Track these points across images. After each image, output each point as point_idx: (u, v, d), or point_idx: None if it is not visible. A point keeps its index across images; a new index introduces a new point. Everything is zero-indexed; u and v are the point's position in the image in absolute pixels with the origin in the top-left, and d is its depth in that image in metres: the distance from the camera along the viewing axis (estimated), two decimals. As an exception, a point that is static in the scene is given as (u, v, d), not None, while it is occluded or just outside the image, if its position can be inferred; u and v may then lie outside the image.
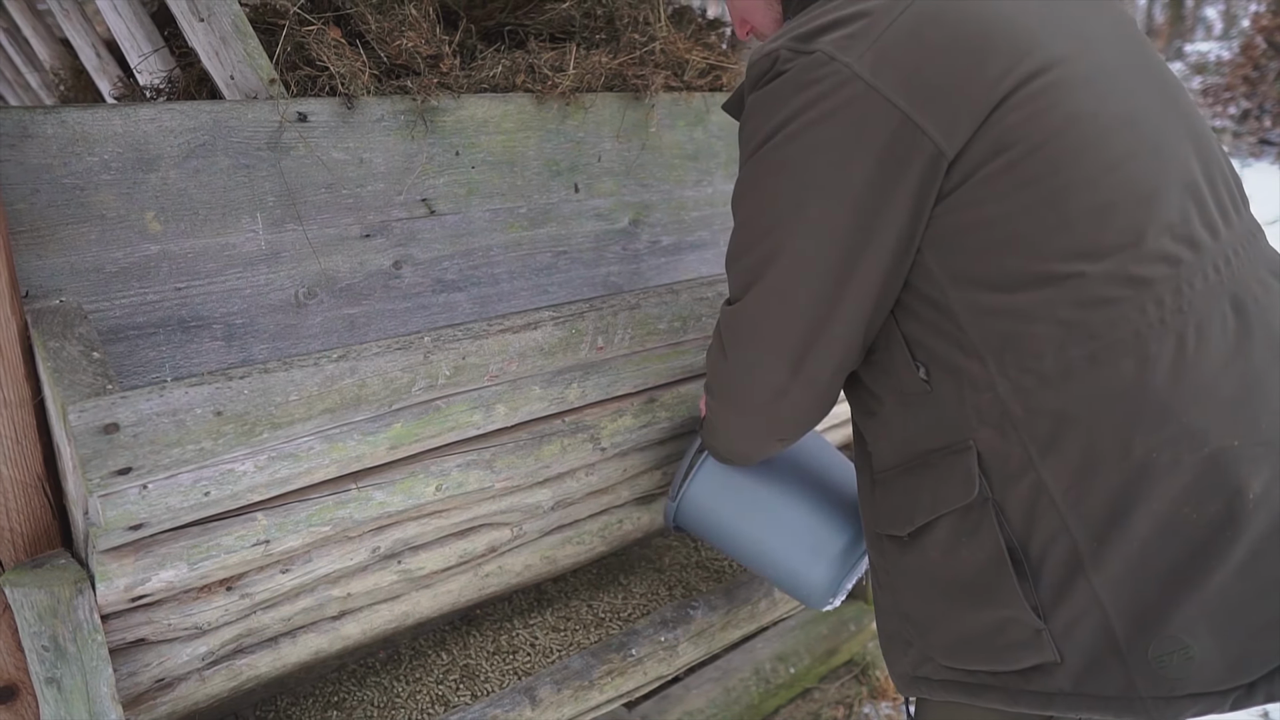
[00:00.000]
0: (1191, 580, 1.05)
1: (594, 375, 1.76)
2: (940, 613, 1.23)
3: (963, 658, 1.21)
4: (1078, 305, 1.06)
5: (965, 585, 1.18)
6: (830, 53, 1.08)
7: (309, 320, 1.75)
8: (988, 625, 1.16)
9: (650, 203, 2.20)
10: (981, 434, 1.13)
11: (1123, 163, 1.09)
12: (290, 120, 1.65)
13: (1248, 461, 1.05)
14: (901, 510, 1.25)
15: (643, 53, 2.10)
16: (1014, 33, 1.09)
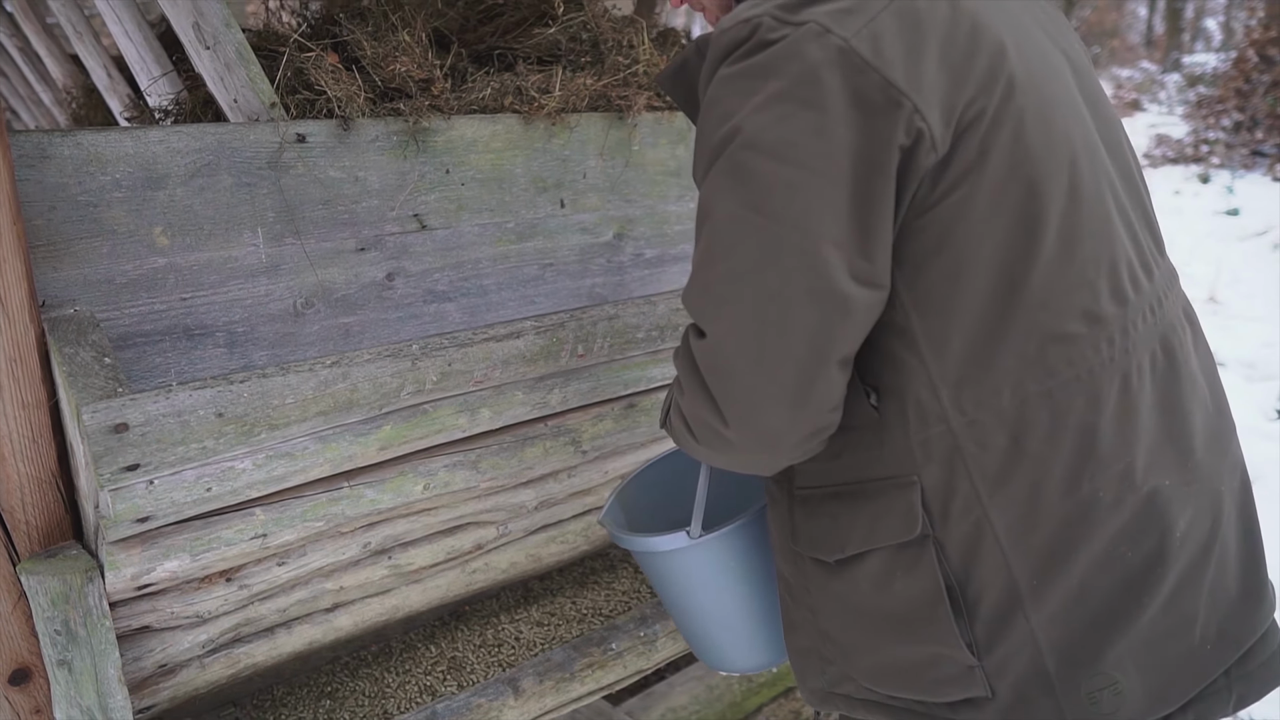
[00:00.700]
0: (1125, 618, 1.08)
1: (575, 381, 1.87)
2: (866, 641, 1.19)
3: (888, 685, 1.19)
4: (1041, 340, 1.04)
5: (897, 618, 1.15)
6: (825, 24, 0.97)
7: (306, 328, 1.85)
8: (918, 659, 1.14)
9: (634, 217, 2.30)
10: (928, 470, 1.09)
11: (1087, 197, 1.08)
12: (290, 141, 1.76)
13: (1176, 500, 1.10)
14: (830, 537, 1.19)
15: (626, 74, 2.21)
16: (999, 44, 1.04)
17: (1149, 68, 21.54)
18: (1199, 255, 7.61)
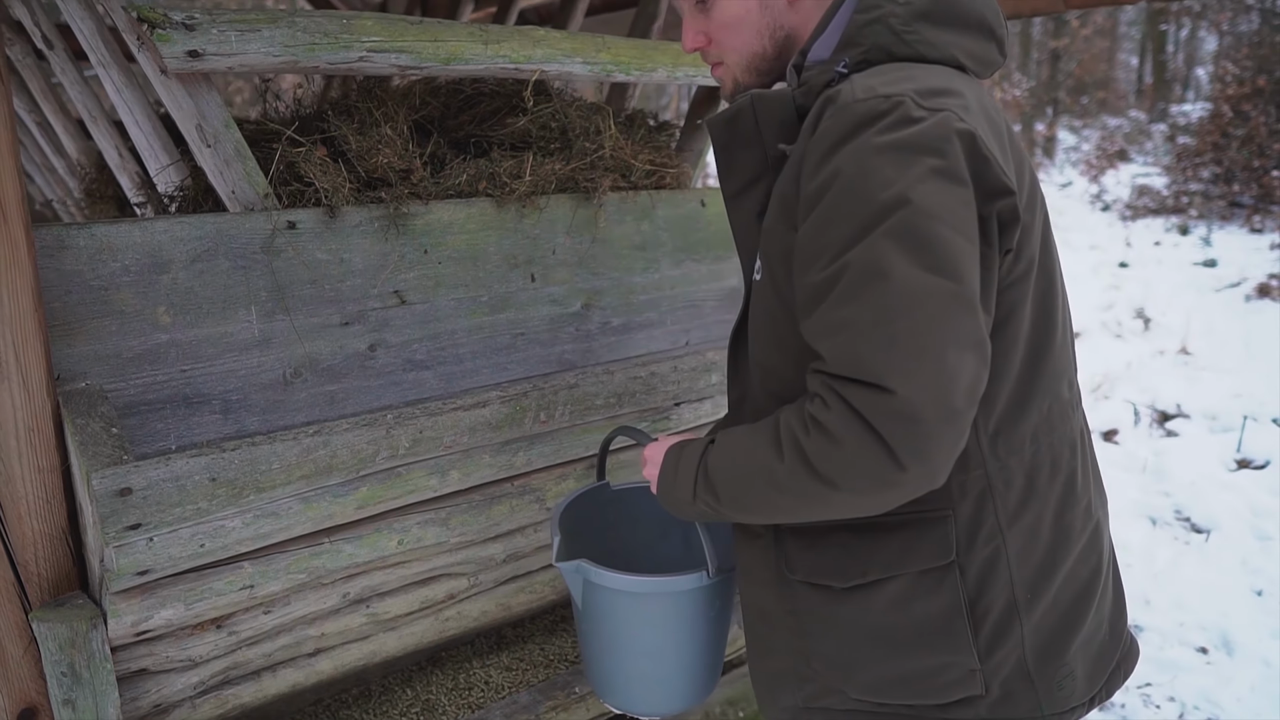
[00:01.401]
0: (1079, 620, 1.34)
1: (539, 445, 2.05)
2: (871, 656, 1.30)
3: (887, 695, 1.31)
4: (1049, 402, 1.30)
5: (911, 634, 1.27)
6: (959, 114, 1.11)
7: (295, 396, 2.03)
8: (926, 668, 1.27)
9: (601, 289, 2.50)
10: (962, 505, 1.24)
11: (1063, 293, 1.36)
12: (281, 228, 1.95)
13: (1105, 529, 1.43)
14: (844, 564, 1.29)
15: (593, 158, 2.41)
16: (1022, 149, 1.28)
17: (1139, 116, 21.93)
18: (1175, 306, 7.82)
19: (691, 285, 2.71)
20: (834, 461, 1.07)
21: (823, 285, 1.10)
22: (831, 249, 1.10)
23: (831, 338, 1.08)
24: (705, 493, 1.26)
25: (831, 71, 1.21)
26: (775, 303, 1.26)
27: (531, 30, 2.27)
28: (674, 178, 2.61)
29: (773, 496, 1.17)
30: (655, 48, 2.52)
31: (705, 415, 2.33)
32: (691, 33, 1.39)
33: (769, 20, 1.33)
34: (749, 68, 1.37)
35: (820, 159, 1.13)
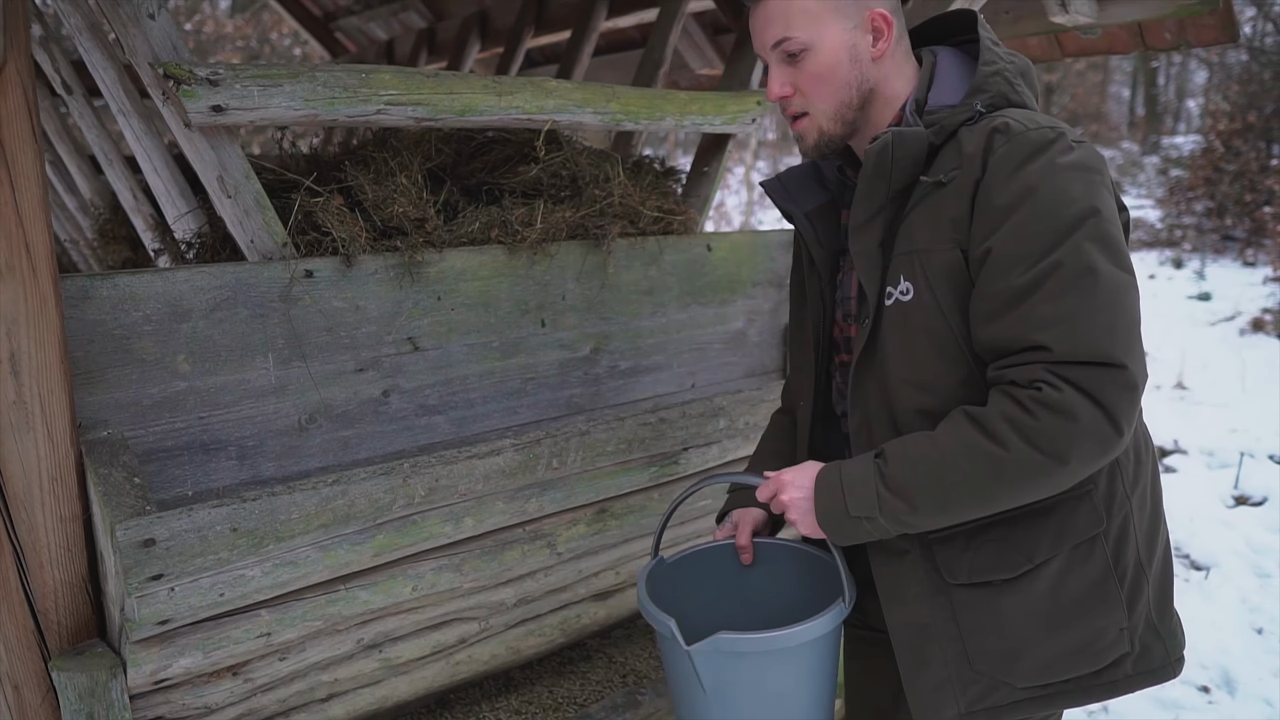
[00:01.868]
0: (1172, 573, 1.50)
1: (550, 490, 2.07)
2: (1036, 640, 1.38)
3: (1054, 672, 1.39)
4: None
5: (1072, 607, 1.38)
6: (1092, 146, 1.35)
7: (309, 442, 2.06)
8: (1085, 637, 1.39)
9: (609, 333, 2.53)
10: (1099, 479, 1.38)
11: None
12: (299, 277, 1.99)
13: None
14: (1008, 556, 1.38)
15: (602, 205, 2.46)
16: None
17: (1131, 148, 22.15)
18: (1170, 340, 7.88)
19: (698, 328, 2.75)
20: (1068, 437, 1.22)
21: (1029, 285, 1.25)
22: (1035, 253, 1.25)
23: (1054, 328, 1.23)
24: (895, 501, 1.32)
25: (970, 112, 1.37)
26: (935, 318, 1.35)
27: (543, 81, 2.32)
28: (681, 224, 2.65)
29: (990, 487, 1.28)
30: (663, 97, 2.57)
31: (712, 460, 2.36)
32: (778, 83, 1.44)
33: (857, 74, 1.43)
34: (836, 118, 1.44)
35: (1007, 178, 1.28)
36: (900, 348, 1.40)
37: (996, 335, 1.28)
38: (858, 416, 1.50)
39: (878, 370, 1.44)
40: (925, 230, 1.36)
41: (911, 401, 1.40)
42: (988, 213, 1.29)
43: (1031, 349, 1.25)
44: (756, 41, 1.46)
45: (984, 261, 1.29)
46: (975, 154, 1.32)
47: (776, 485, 1.46)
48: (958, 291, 1.34)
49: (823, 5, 1.39)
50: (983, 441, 1.26)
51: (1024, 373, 1.25)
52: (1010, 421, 1.24)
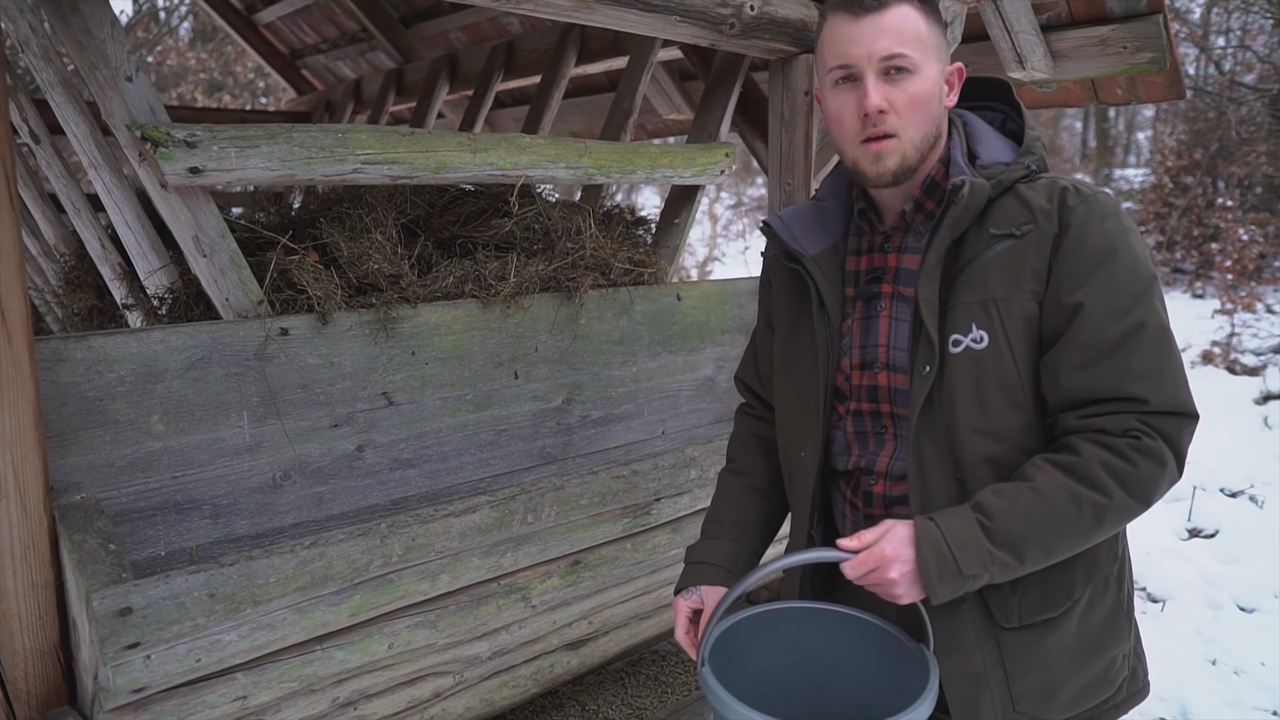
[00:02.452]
0: None
1: (525, 545, 2.09)
2: (1070, 673, 1.44)
3: (1082, 703, 1.46)
4: None
5: (1097, 638, 1.45)
6: None
7: (284, 499, 2.06)
8: (1104, 664, 1.46)
9: (581, 383, 2.56)
10: None
11: None
12: (274, 335, 2.00)
13: None
14: (1052, 594, 1.42)
15: (574, 258, 2.49)
16: None
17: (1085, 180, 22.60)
18: (1124, 371, 8.03)
19: (668, 376, 2.79)
20: (1155, 481, 1.31)
21: (1119, 339, 1.31)
22: (1122, 309, 1.32)
23: (1146, 381, 1.31)
24: (1005, 554, 1.32)
25: (1024, 170, 1.43)
26: (1009, 365, 1.38)
27: (517, 138, 2.36)
28: (651, 275, 2.69)
29: (1092, 534, 1.34)
30: (634, 151, 2.62)
31: (684, 509, 2.39)
32: (879, 95, 1.39)
33: (938, 109, 1.45)
34: (919, 148, 1.43)
35: (1091, 236, 1.35)
36: (972, 396, 1.39)
37: (1087, 385, 1.33)
38: (914, 468, 1.44)
39: (942, 419, 1.42)
40: (1003, 280, 1.38)
41: (980, 450, 1.40)
42: (1074, 268, 1.35)
43: (1126, 399, 1.31)
44: (858, 50, 1.39)
45: (1074, 314, 1.34)
46: (1050, 211, 1.37)
47: (876, 561, 1.32)
48: (1030, 340, 1.38)
49: (933, 39, 1.42)
50: (1085, 491, 1.31)
51: (1117, 422, 1.31)
52: (1109, 469, 1.30)
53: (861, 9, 1.40)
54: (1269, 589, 4.33)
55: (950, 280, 1.42)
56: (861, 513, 1.54)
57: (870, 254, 1.55)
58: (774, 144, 2.93)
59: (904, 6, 1.40)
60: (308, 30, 5.91)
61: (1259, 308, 8.62)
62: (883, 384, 1.50)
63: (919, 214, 1.49)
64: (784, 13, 2.66)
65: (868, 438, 1.53)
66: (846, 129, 1.45)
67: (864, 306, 1.53)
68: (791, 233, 1.58)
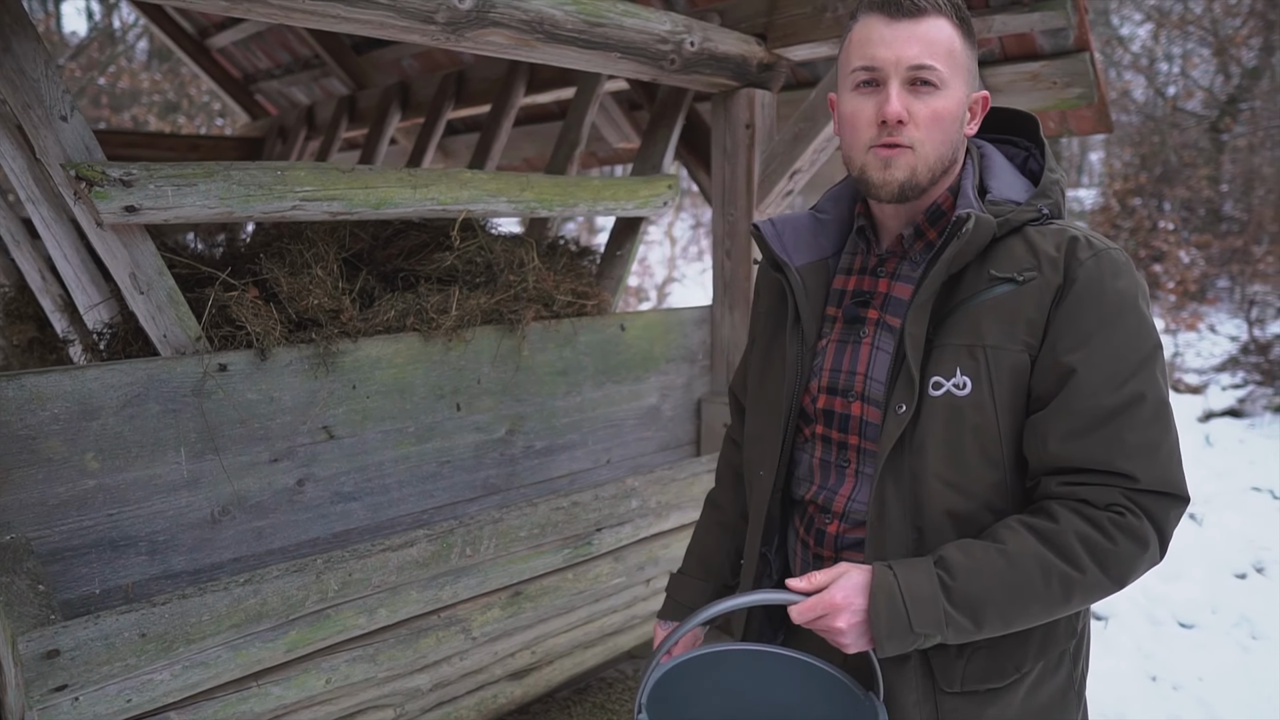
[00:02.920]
0: None
1: (465, 577, 2.11)
2: None
3: None
4: None
5: (1040, 715, 1.36)
6: None
7: (222, 534, 2.06)
8: None
9: (524, 414, 2.59)
10: None
11: None
12: (213, 371, 2.01)
13: None
14: (999, 664, 1.34)
15: (517, 290, 2.52)
16: None
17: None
18: (1074, 390, 8.19)
19: (612, 406, 2.82)
20: (1133, 562, 1.23)
21: (1115, 409, 1.24)
22: (1121, 377, 1.25)
23: (1138, 458, 1.23)
24: (962, 617, 1.25)
25: (1035, 213, 1.33)
26: (989, 417, 1.29)
27: (458, 173, 2.39)
28: (595, 307, 2.73)
29: (1057, 608, 1.25)
30: (576, 184, 2.66)
31: (626, 539, 2.42)
32: (901, 104, 1.32)
33: (957, 134, 1.36)
34: (932, 167, 1.35)
35: (1097, 294, 1.27)
36: (944, 443, 1.30)
37: (1076, 453, 1.25)
38: (874, 512, 1.36)
39: (909, 464, 1.33)
40: (997, 326, 1.29)
41: (943, 502, 1.32)
42: (1074, 326, 1.26)
43: (1115, 474, 1.23)
44: (887, 53, 1.32)
45: (1069, 377, 1.26)
46: (1057, 260, 1.28)
47: (824, 608, 1.26)
48: (1016, 394, 1.29)
49: (964, 59, 1.35)
50: (1057, 562, 1.23)
51: (1101, 494, 1.23)
52: (1085, 542, 1.22)
53: (899, 11, 1.32)
54: (1207, 605, 4.44)
55: (941, 318, 1.34)
56: (812, 551, 1.46)
57: (861, 275, 1.47)
58: (717, 176, 2.99)
59: (941, 19, 1.32)
60: (261, 55, 5.91)
61: (1201, 327, 8.83)
62: (855, 415, 1.42)
63: (918, 241, 1.41)
64: (724, 48, 2.72)
65: (830, 469, 1.45)
66: (860, 134, 1.36)
67: (844, 329, 1.45)
68: (781, 239, 1.50)
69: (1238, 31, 10.73)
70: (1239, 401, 7.24)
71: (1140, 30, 13.83)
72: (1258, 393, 7.24)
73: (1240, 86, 10.85)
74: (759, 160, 2.93)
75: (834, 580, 1.27)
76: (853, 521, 1.41)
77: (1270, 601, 4.39)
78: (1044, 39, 3.06)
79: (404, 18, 1.99)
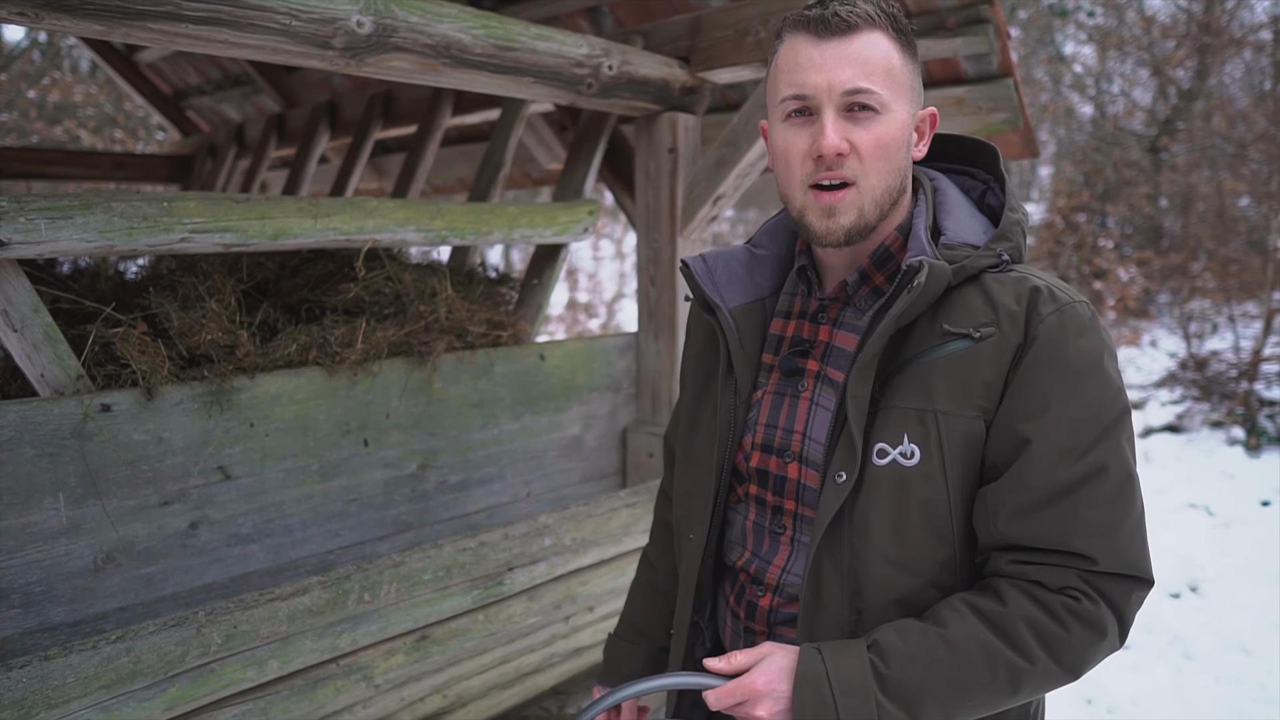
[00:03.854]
0: None
1: (364, 623, 2.02)
2: None
3: None
4: None
5: None
6: None
7: (107, 582, 1.96)
8: None
9: (438, 448, 2.51)
10: None
11: None
12: (95, 412, 1.91)
13: None
14: None
15: (428, 321, 2.45)
16: None
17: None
18: (1018, 406, 8.25)
19: (532, 437, 2.75)
20: (1091, 652, 1.12)
21: (1072, 484, 1.11)
22: (1080, 448, 1.12)
23: (1097, 538, 1.11)
24: (896, 709, 1.13)
25: (994, 259, 1.20)
26: (939, 491, 1.17)
27: (363, 201, 2.31)
28: (511, 337, 2.66)
29: (1003, 700, 1.14)
30: (491, 211, 2.60)
31: (540, 577, 2.35)
32: (838, 135, 1.18)
33: (904, 160, 1.23)
34: (879, 202, 1.21)
35: (1058, 356, 1.14)
36: (889, 519, 1.18)
37: (1029, 531, 1.13)
38: (808, 589, 1.23)
39: (849, 539, 1.20)
40: (949, 389, 1.16)
41: (888, 583, 1.19)
42: (1033, 391, 1.14)
43: (1072, 554, 1.12)
44: (818, 79, 1.18)
45: (1024, 446, 1.13)
46: (1017, 315, 1.15)
47: (744, 694, 1.16)
48: (968, 465, 1.17)
49: (905, 75, 1.21)
50: (1004, 650, 1.11)
51: (1056, 576, 1.12)
52: (1035, 629, 1.11)
53: (827, 30, 1.18)
54: (1142, 625, 4.46)
55: (887, 376, 1.20)
56: (743, 624, 1.34)
57: (801, 320, 1.33)
58: (640, 201, 2.94)
59: (876, 33, 1.18)
60: (191, 71, 5.77)
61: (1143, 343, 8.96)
62: (792, 477, 1.28)
63: (864, 286, 1.27)
64: (644, 72, 2.68)
65: (764, 534, 1.32)
66: (794, 171, 1.22)
67: (781, 380, 1.32)
68: (712, 277, 1.36)
69: (1174, 53, 10.95)
70: (1177, 417, 7.34)
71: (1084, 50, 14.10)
72: (1195, 409, 7.35)
73: (1177, 107, 11.08)
74: (682, 185, 2.88)
75: (756, 663, 1.16)
76: (787, 596, 1.28)
77: (1203, 621, 4.42)
78: (968, 64, 3.05)
79: (298, 43, 1.91)
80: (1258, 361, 7.15)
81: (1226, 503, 5.85)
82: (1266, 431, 6.77)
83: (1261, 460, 6.47)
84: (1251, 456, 6.56)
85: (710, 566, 1.39)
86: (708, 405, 1.39)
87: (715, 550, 1.39)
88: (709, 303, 1.34)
